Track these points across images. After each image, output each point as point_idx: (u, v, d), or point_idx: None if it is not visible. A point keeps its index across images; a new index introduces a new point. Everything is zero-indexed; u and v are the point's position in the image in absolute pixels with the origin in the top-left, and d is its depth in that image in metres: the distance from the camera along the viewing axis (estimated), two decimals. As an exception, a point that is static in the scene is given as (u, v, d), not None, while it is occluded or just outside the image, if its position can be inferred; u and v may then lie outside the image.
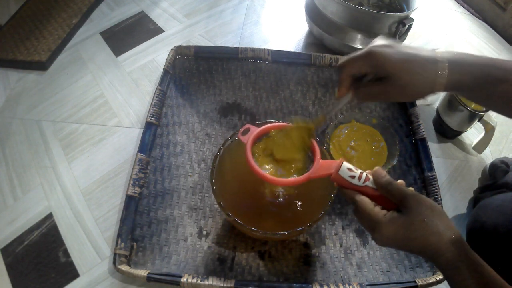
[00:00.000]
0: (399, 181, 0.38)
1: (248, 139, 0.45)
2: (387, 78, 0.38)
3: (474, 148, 0.73)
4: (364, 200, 0.37)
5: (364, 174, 0.39)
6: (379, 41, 0.39)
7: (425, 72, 0.36)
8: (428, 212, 0.34)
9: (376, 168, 0.38)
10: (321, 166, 0.42)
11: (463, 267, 0.32)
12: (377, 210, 0.36)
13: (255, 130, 0.45)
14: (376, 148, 0.66)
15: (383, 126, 0.67)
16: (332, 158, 0.51)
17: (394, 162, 0.62)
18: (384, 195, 0.37)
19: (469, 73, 0.36)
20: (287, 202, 0.52)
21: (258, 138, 0.47)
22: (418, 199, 0.35)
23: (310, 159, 0.45)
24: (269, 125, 0.47)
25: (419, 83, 0.37)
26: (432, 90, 0.37)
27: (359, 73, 0.40)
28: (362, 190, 0.38)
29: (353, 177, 0.39)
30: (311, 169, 0.43)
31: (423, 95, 0.38)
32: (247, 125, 0.46)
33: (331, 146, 0.66)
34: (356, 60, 0.39)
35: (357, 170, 0.39)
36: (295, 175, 0.44)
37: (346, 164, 0.39)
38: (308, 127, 0.46)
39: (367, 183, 0.38)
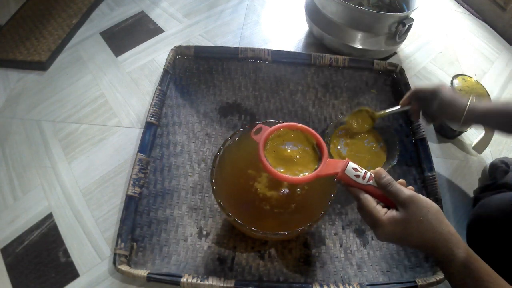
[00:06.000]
0: (400, 180, 0.40)
1: (261, 138, 0.45)
2: (436, 102, 0.55)
3: (474, 148, 0.73)
4: (367, 199, 0.40)
5: (368, 173, 0.41)
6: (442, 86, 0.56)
7: (456, 108, 0.53)
8: (424, 211, 0.37)
9: (378, 168, 0.40)
10: (328, 165, 0.44)
11: (457, 261, 0.35)
12: (379, 209, 0.39)
13: (267, 130, 0.46)
14: (375, 148, 0.66)
15: (383, 126, 0.67)
16: (331, 158, 0.51)
17: (394, 162, 0.62)
18: (384, 194, 0.40)
19: (487, 111, 0.51)
20: (287, 202, 0.52)
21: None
22: (415, 199, 0.37)
23: (317, 157, 0.47)
24: (280, 124, 0.47)
25: (452, 112, 0.54)
26: (460, 118, 0.53)
27: (423, 95, 0.57)
28: (366, 189, 0.41)
29: (358, 176, 0.41)
30: (319, 167, 0.44)
31: (455, 117, 0.54)
32: (260, 125, 0.47)
33: (331, 146, 0.66)
34: (424, 89, 0.57)
35: (362, 169, 0.41)
36: (306, 172, 0.45)
37: (351, 164, 0.41)
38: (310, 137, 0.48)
39: (371, 182, 0.40)
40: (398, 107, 0.62)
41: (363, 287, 0.52)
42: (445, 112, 0.55)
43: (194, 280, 0.50)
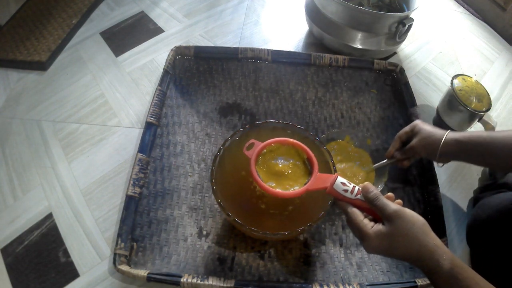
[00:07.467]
0: (388, 194, 0.42)
1: (252, 154, 0.47)
2: (416, 137, 0.56)
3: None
4: (355, 213, 0.41)
5: (356, 188, 0.43)
6: (419, 121, 0.58)
7: (435, 138, 0.53)
8: (409, 225, 0.38)
9: (366, 183, 0.42)
10: (318, 180, 0.45)
11: (444, 272, 0.36)
12: (366, 222, 0.40)
13: (259, 145, 0.48)
14: (365, 167, 0.64)
15: (377, 149, 0.66)
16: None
17: (381, 187, 0.60)
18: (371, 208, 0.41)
19: (459, 145, 0.51)
20: (287, 203, 0.52)
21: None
22: (401, 214, 0.38)
23: (308, 171, 0.48)
24: (272, 140, 0.49)
25: (431, 143, 0.54)
26: (436, 152, 0.53)
27: (405, 136, 0.58)
28: (354, 203, 0.42)
29: (346, 190, 0.42)
30: (309, 182, 0.46)
31: (433, 153, 0.54)
32: (252, 140, 0.48)
33: None
34: (404, 130, 0.58)
35: (350, 184, 0.43)
36: (296, 186, 0.47)
37: (340, 179, 0.43)
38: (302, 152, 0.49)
39: (359, 196, 0.42)
40: (385, 161, 0.61)
41: (363, 287, 0.52)
42: (424, 145, 0.55)
43: (194, 280, 0.50)
